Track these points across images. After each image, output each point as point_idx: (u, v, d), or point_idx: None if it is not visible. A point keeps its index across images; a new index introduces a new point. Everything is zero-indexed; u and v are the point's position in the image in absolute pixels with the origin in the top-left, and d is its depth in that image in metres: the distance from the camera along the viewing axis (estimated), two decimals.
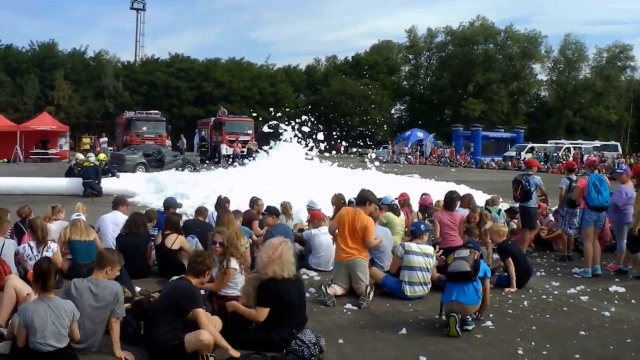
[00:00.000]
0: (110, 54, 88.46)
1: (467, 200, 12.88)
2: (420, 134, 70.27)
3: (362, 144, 62.13)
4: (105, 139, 51.68)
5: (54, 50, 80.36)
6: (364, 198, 9.49)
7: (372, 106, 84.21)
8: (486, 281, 7.91)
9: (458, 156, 61.21)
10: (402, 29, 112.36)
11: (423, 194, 14.79)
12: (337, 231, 9.30)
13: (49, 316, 5.66)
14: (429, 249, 9.35)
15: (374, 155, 43.49)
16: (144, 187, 23.39)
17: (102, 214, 11.54)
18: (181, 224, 10.48)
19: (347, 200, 12.67)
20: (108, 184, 23.04)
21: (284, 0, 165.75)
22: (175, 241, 9.86)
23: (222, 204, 12.42)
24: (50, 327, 5.62)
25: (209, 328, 6.13)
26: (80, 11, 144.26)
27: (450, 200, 11.55)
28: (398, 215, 11.94)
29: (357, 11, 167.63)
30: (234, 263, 7.69)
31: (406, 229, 11.60)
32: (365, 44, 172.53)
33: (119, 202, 11.66)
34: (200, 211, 11.78)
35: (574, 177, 12.74)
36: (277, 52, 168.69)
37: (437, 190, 19.74)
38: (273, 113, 29.29)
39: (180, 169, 32.63)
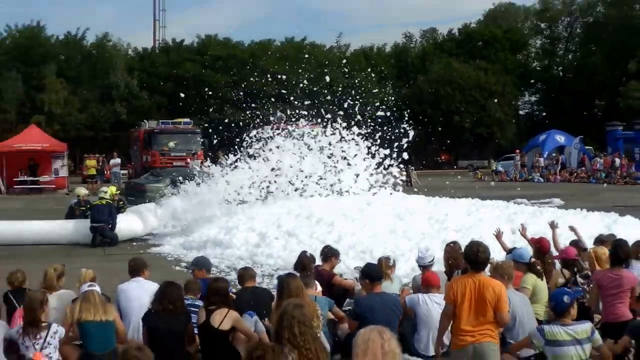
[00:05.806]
0: (118, 38, 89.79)
1: None
2: (560, 138, 68.78)
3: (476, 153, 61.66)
4: (118, 160, 52.59)
5: (41, 36, 79.98)
6: (481, 260, 9.15)
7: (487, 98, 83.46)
8: None
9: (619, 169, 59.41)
10: None
11: (572, 242, 13.87)
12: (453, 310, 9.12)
13: None
14: (584, 331, 8.89)
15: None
16: (167, 226, 24.30)
17: (119, 276, 11.70)
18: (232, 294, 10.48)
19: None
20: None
21: None
22: (224, 318, 9.86)
23: (305, 263, 12.42)
24: None
25: None
26: None
27: (617, 253, 10.93)
28: (542, 278, 11.66)
29: None
30: None
31: None
32: (476, 9, 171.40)
33: (138, 267, 11.61)
34: (245, 276, 11.53)
35: None
36: (351, 28, 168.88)
37: (590, 227, 19.37)
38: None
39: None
